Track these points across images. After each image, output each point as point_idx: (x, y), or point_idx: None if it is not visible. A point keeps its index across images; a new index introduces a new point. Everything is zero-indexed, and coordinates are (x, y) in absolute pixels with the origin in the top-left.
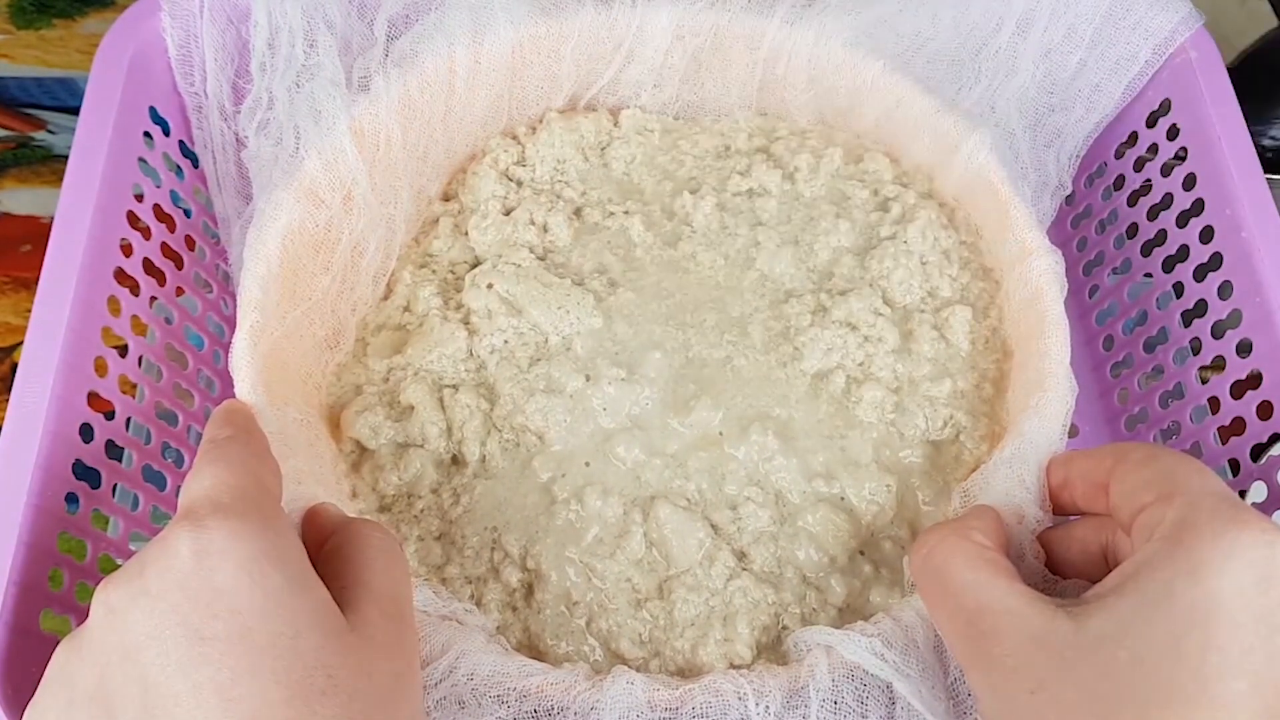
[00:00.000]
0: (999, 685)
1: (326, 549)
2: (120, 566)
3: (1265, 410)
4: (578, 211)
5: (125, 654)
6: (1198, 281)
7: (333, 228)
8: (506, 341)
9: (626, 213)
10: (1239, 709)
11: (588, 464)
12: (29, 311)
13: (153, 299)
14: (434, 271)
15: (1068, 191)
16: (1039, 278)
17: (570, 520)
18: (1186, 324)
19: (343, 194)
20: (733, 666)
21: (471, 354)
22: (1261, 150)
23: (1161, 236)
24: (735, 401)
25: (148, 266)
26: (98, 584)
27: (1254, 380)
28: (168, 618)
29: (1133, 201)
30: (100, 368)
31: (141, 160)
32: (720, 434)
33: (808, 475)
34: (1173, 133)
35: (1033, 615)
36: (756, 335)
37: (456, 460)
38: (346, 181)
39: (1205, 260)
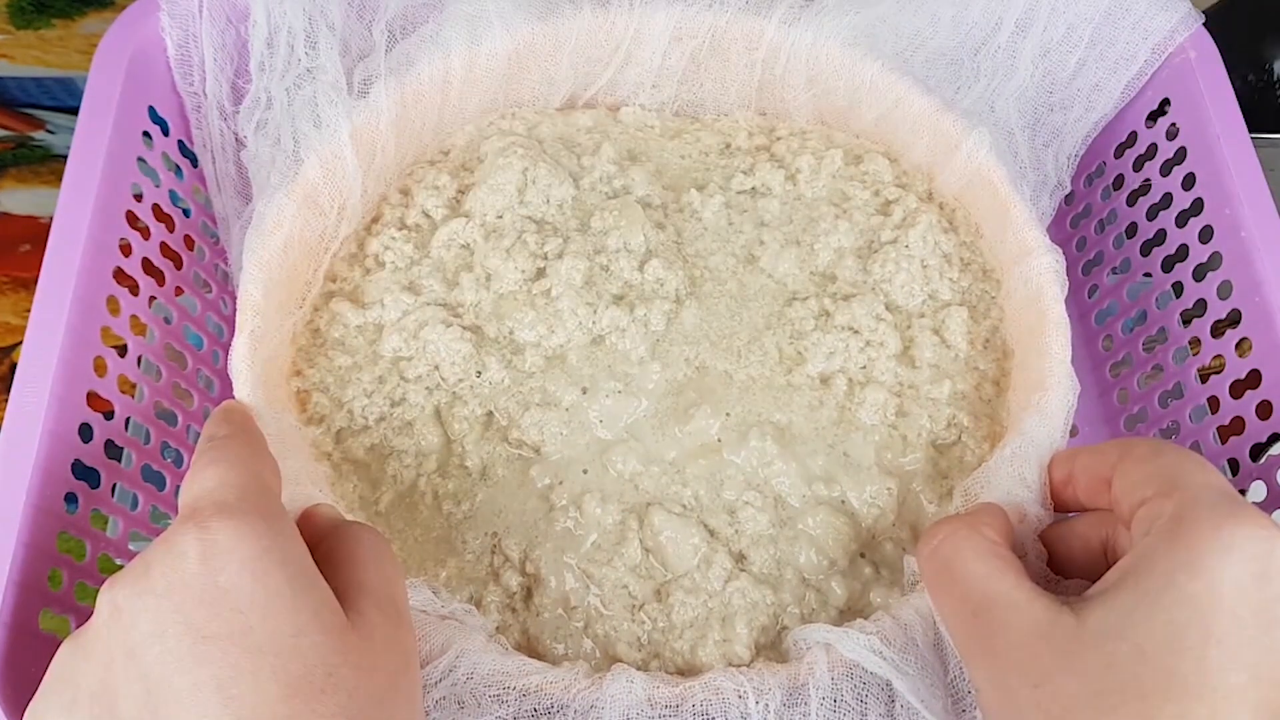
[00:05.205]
0: (1001, 678)
1: (321, 551)
2: (121, 566)
3: (1264, 410)
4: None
5: (129, 653)
6: (1197, 281)
7: (325, 235)
8: (502, 354)
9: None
10: (1238, 701)
11: (585, 471)
12: (28, 311)
13: (152, 299)
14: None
15: (1067, 191)
16: (1039, 276)
17: (569, 527)
18: (1186, 323)
19: (340, 203)
20: (731, 666)
21: (469, 364)
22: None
23: (1161, 236)
24: (735, 408)
25: (147, 266)
26: (97, 584)
27: (1253, 380)
28: (171, 617)
29: (1132, 201)
30: (99, 367)
31: (140, 160)
32: (719, 440)
33: (807, 479)
34: (1172, 132)
35: (1037, 610)
36: (757, 339)
37: (456, 469)
38: (345, 191)
39: (1204, 260)
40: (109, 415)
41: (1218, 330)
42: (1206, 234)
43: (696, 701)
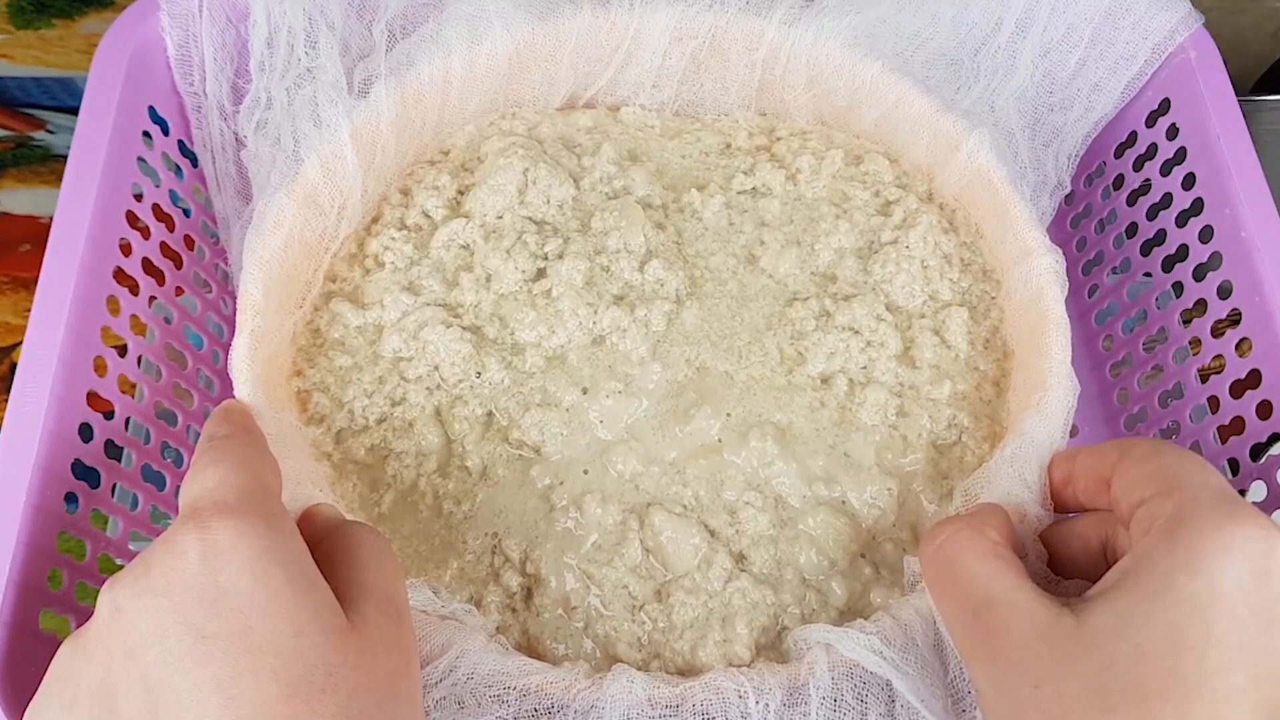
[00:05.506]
0: (1002, 679)
1: (321, 551)
2: (121, 566)
3: (1265, 410)
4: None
5: (129, 652)
6: (1197, 281)
7: (325, 234)
8: (503, 354)
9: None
10: (1238, 701)
11: (586, 471)
12: (28, 311)
13: (152, 299)
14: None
15: (1067, 191)
16: (1039, 277)
17: (569, 527)
18: (1186, 323)
19: (340, 203)
20: (732, 666)
21: (469, 365)
22: None
23: (1161, 236)
24: (735, 408)
25: (147, 266)
26: (97, 584)
27: (1253, 380)
28: (171, 617)
29: (1132, 201)
30: (99, 367)
31: (140, 160)
32: (719, 441)
33: (808, 479)
34: (1172, 132)
35: (1038, 611)
36: (757, 340)
37: (457, 469)
38: (345, 191)
39: (1205, 260)
40: (109, 415)
41: (1218, 330)
42: (1206, 234)
43: (697, 701)
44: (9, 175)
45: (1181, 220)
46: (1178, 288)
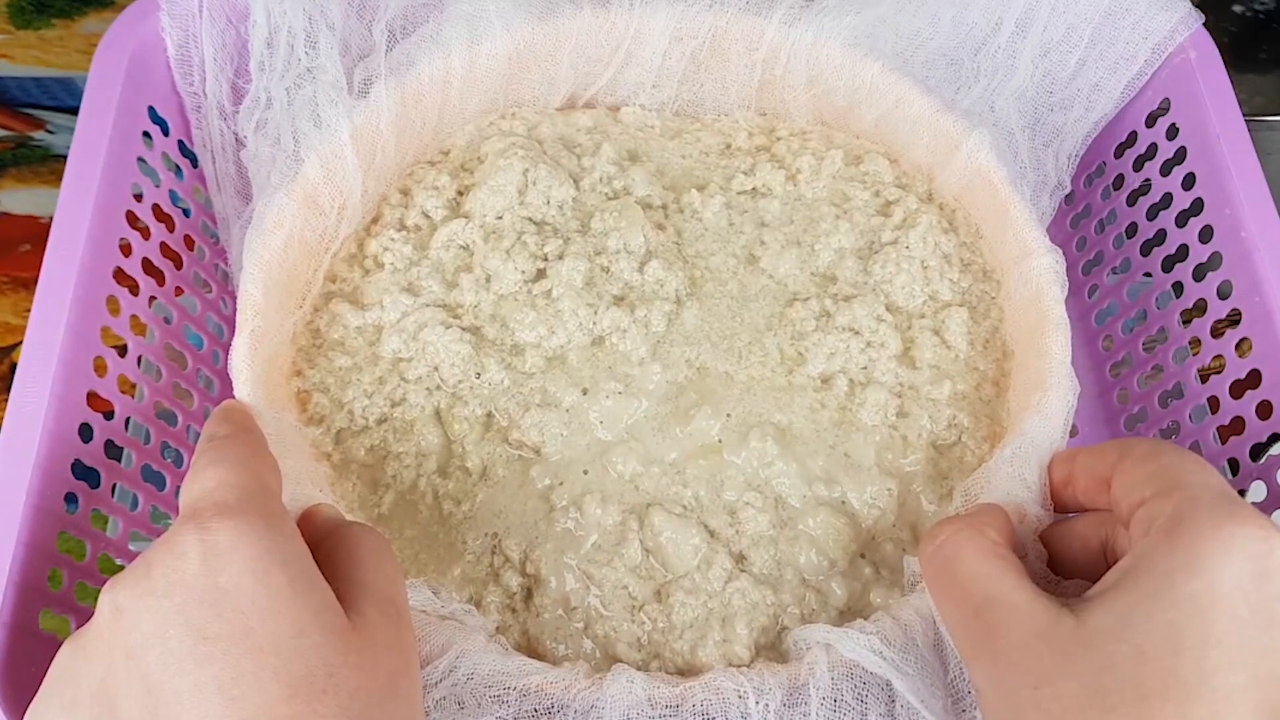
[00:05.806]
0: (1002, 679)
1: (321, 551)
2: (121, 566)
3: (1264, 410)
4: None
5: (129, 653)
6: (1197, 281)
7: (325, 234)
8: (502, 355)
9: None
10: (1238, 701)
11: (586, 472)
12: (28, 311)
13: (152, 299)
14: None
15: (1067, 191)
16: (1039, 277)
17: (569, 528)
18: (1186, 323)
19: (340, 203)
20: (732, 666)
21: (469, 365)
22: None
23: (1161, 236)
24: (735, 408)
25: (147, 266)
26: (97, 584)
27: (1253, 380)
28: (172, 618)
29: (1132, 201)
30: (99, 367)
31: (140, 160)
32: (719, 441)
33: (808, 480)
34: (1172, 132)
35: (1038, 611)
36: (757, 340)
37: (457, 469)
38: (345, 191)
39: (1204, 260)
40: (109, 415)
41: (1218, 330)
42: (1206, 234)
43: (696, 701)
44: (9, 175)
45: (1181, 220)
46: (1178, 288)
